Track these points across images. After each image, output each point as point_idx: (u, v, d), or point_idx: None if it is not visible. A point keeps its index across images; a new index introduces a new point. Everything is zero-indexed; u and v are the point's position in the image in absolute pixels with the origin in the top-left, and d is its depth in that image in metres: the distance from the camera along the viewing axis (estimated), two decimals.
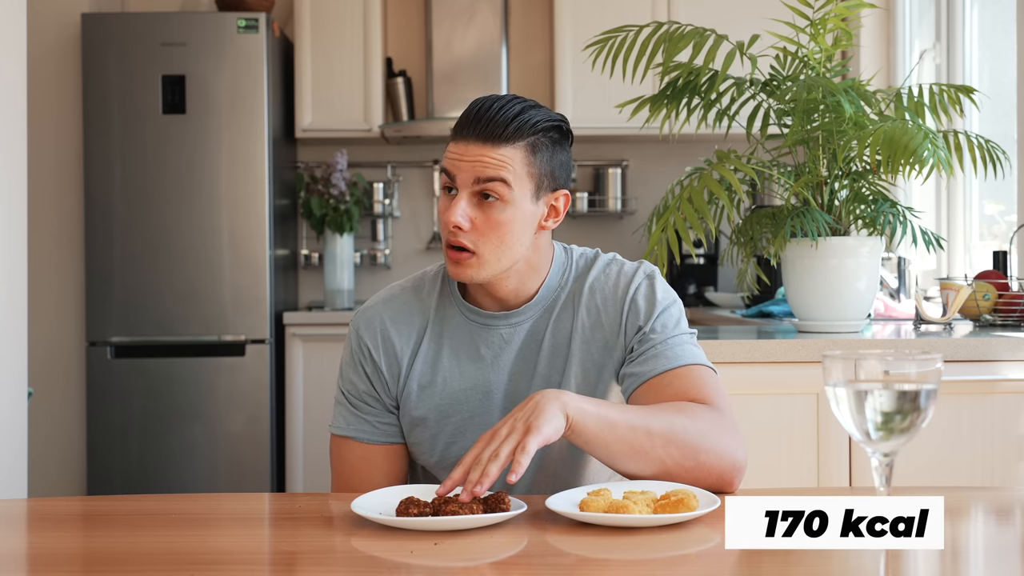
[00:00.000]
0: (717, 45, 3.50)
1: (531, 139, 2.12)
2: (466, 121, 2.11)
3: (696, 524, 1.75)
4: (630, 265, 2.28)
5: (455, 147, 2.12)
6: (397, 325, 2.27)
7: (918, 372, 1.37)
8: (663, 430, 1.95)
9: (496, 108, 2.10)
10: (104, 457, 5.74)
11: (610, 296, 2.23)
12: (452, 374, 2.24)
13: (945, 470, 3.27)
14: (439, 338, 2.26)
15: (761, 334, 3.61)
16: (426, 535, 1.70)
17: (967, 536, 1.83)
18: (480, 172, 2.09)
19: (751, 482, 3.03)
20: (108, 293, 5.74)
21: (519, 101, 2.13)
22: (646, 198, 6.61)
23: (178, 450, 5.74)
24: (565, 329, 2.23)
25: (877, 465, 1.40)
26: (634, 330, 2.19)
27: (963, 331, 3.62)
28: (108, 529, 1.87)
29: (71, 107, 6.12)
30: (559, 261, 2.29)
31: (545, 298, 2.25)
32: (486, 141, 2.09)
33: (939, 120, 3.56)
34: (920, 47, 5.58)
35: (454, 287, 2.29)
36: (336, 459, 2.30)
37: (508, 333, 2.24)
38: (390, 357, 2.26)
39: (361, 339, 2.28)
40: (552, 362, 2.22)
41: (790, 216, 3.44)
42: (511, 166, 2.11)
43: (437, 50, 6.36)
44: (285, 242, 6.28)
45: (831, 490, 2.82)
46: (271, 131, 5.84)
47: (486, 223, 2.12)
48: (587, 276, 2.27)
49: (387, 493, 1.91)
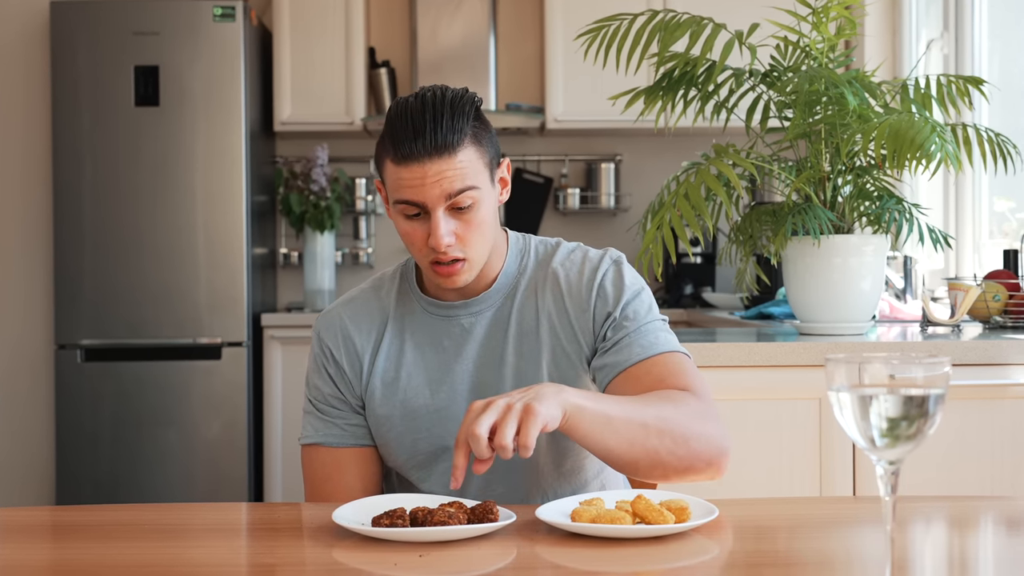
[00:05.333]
0: (715, 34, 3.50)
1: (471, 130, 2.12)
2: (405, 141, 2.07)
3: (692, 535, 1.75)
4: (595, 252, 2.31)
5: (407, 173, 2.09)
6: (357, 323, 2.31)
7: (925, 376, 1.37)
8: (656, 420, 1.98)
9: (429, 117, 2.08)
10: (73, 465, 5.72)
11: (575, 282, 2.26)
12: (416, 368, 2.27)
13: (953, 478, 3.27)
14: (401, 333, 2.29)
15: (761, 336, 3.61)
16: (410, 546, 1.70)
17: (976, 547, 1.83)
18: (448, 188, 2.09)
19: (751, 491, 3.03)
20: (78, 293, 5.73)
21: (433, 97, 2.11)
22: (641, 194, 6.61)
23: (151, 457, 5.72)
24: (530, 317, 2.25)
25: (882, 474, 1.40)
26: (603, 317, 2.22)
27: (972, 333, 3.63)
28: (77, 540, 1.87)
29: (39, 99, 6.12)
30: (515, 246, 2.32)
31: (505, 284, 2.28)
32: (440, 154, 2.08)
33: (947, 113, 3.56)
34: (927, 36, 5.59)
35: (412, 282, 2.32)
36: (307, 469, 2.32)
37: (469, 322, 2.26)
38: (352, 356, 2.29)
39: (322, 341, 2.32)
40: (520, 351, 2.24)
41: (791, 213, 3.44)
42: (471, 166, 2.11)
43: (422, 40, 6.36)
44: (263, 240, 6.27)
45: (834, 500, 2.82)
46: (248, 124, 5.83)
47: (468, 229, 2.14)
48: (549, 262, 2.30)
49: (370, 502, 1.91)
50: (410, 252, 2.20)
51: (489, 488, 2.24)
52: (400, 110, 2.11)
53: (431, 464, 2.26)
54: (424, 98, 2.11)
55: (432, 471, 2.27)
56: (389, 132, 2.11)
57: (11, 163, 6.21)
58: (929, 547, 1.82)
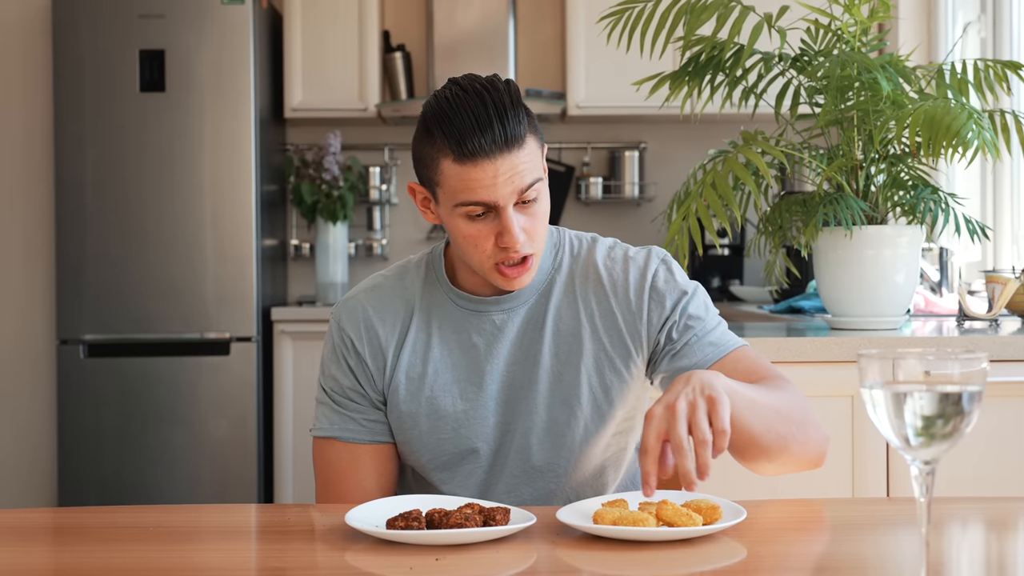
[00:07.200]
0: (743, 17, 3.50)
1: (527, 117, 2.10)
2: (471, 137, 2.03)
3: (719, 537, 1.75)
4: (638, 250, 2.29)
5: (478, 172, 2.04)
6: (381, 314, 2.27)
7: (962, 372, 1.37)
8: (784, 406, 2.02)
9: (492, 111, 2.04)
10: (76, 465, 5.74)
11: (620, 283, 2.24)
12: (443, 364, 2.24)
13: (991, 479, 3.27)
14: (428, 326, 2.26)
15: (791, 331, 3.61)
16: (427, 550, 1.70)
17: (1015, 550, 1.82)
18: (519, 183, 2.06)
19: (781, 492, 3.02)
20: (81, 287, 5.75)
21: (485, 88, 2.08)
22: (666, 183, 6.61)
23: (157, 457, 5.74)
24: (570, 317, 2.24)
25: (917, 474, 1.40)
26: (659, 320, 2.21)
27: (1011, 328, 3.62)
28: (80, 543, 1.87)
29: (41, 85, 6.13)
30: (549, 240, 2.29)
31: (540, 280, 2.26)
32: (511, 148, 2.05)
33: (984, 99, 3.55)
34: (964, 19, 5.57)
35: (441, 272, 2.29)
36: (320, 463, 2.30)
37: (502, 319, 2.24)
38: (375, 348, 2.26)
39: (343, 331, 2.28)
40: (557, 352, 2.22)
41: (822, 203, 3.43)
42: (535, 157, 2.10)
43: (439, 23, 6.35)
44: (273, 231, 6.28)
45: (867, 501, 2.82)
46: (258, 111, 5.84)
47: (534, 222, 2.13)
48: (589, 259, 2.28)
49: (384, 504, 1.91)
50: (468, 256, 2.15)
51: (514, 492, 2.24)
52: (453, 104, 2.06)
53: (455, 466, 2.25)
54: (475, 89, 2.07)
55: (456, 473, 2.26)
56: (444, 129, 2.05)
57: (12, 151, 6.23)
58: (966, 551, 1.82)
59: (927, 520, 1.39)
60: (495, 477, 2.25)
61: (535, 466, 2.23)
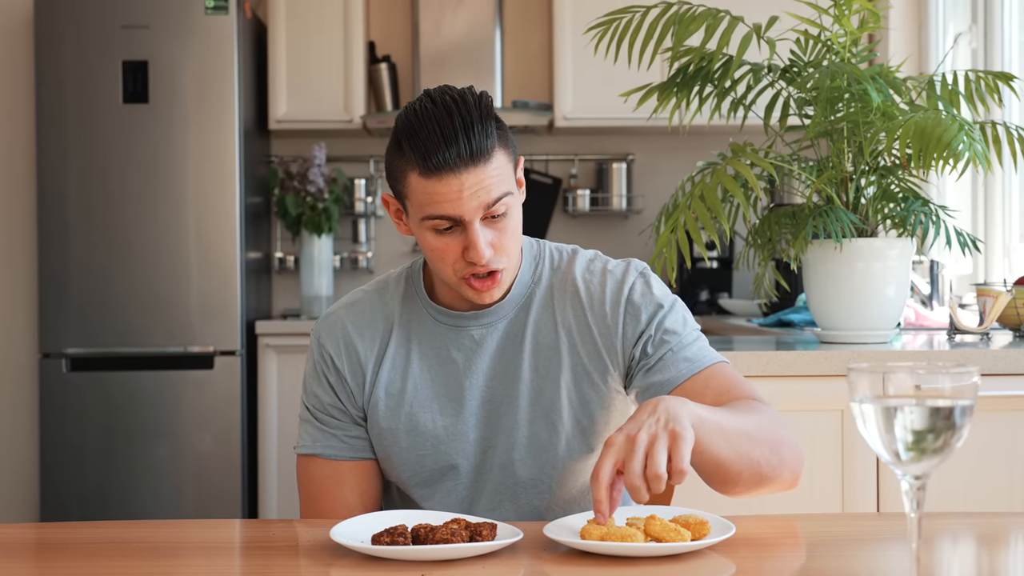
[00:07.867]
0: (732, 28, 3.50)
1: (497, 131, 2.09)
2: (435, 151, 2.02)
3: (708, 553, 1.75)
4: (616, 263, 2.29)
5: (442, 186, 2.04)
6: (360, 330, 2.28)
7: (952, 387, 1.37)
8: (755, 429, 1.99)
9: (459, 123, 2.04)
10: (59, 480, 5.73)
11: (597, 296, 2.24)
12: (423, 380, 2.24)
13: (982, 494, 3.27)
14: (407, 342, 2.26)
15: (780, 345, 3.61)
16: (412, 565, 1.70)
17: (1006, 567, 1.83)
18: (485, 198, 2.06)
19: (770, 507, 3.03)
20: (63, 300, 5.73)
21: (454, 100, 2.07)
22: (654, 196, 6.61)
23: (140, 472, 5.72)
24: (548, 331, 2.24)
25: (907, 489, 1.41)
26: (635, 334, 2.21)
27: (1002, 342, 3.63)
28: (63, 559, 1.87)
29: (22, 96, 6.13)
30: (528, 253, 2.30)
31: (519, 294, 2.26)
32: (476, 163, 2.05)
33: (975, 110, 3.56)
34: (955, 30, 5.59)
35: (420, 287, 2.29)
36: (303, 480, 2.31)
37: (480, 334, 2.24)
38: (354, 364, 2.27)
39: (323, 347, 2.29)
40: (536, 367, 2.22)
41: (812, 215, 3.44)
42: (503, 171, 2.10)
43: (424, 33, 6.36)
44: (258, 244, 6.28)
45: (857, 516, 2.82)
46: (242, 122, 5.84)
47: (503, 237, 2.12)
48: (568, 273, 2.28)
49: (369, 519, 1.91)
50: (437, 269, 2.16)
51: (497, 509, 2.24)
52: (421, 117, 2.06)
53: (435, 482, 2.25)
54: (444, 102, 2.06)
55: (436, 490, 2.26)
56: (411, 143, 2.05)
57: None
58: (957, 566, 1.82)
59: (917, 535, 1.40)
60: (477, 494, 2.25)
61: (520, 482, 2.23)
